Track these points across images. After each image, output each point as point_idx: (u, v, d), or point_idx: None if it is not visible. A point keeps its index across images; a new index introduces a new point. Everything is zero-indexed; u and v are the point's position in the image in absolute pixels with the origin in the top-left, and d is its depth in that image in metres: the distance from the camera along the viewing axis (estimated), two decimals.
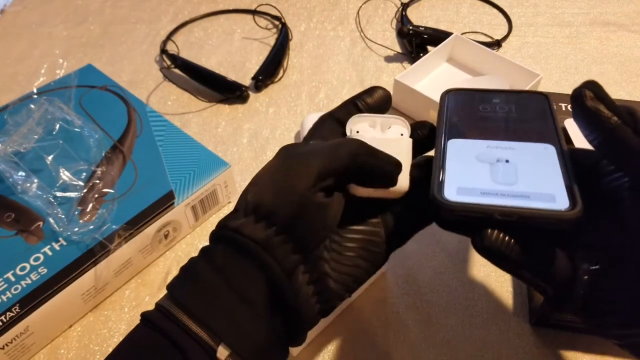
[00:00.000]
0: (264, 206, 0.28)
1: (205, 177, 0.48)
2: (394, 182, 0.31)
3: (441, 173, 0.29)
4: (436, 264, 0.48)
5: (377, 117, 0.34)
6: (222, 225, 0.30)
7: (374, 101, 0.35)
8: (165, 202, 0.46)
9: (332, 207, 0.30)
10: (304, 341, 0.30)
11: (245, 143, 0.59)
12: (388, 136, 0.33)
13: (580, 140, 0.49)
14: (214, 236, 0.30)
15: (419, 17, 0.77)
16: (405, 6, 0.77)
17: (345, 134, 0.33)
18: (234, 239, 0.28)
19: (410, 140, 0.33)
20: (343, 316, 0.44)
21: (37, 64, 0.70)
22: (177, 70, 0.66)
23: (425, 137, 0.34)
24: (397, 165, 0.31)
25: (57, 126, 0.50)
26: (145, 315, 0.29)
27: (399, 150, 0.32)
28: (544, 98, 0.33)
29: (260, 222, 0.28)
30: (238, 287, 0.27)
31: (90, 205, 0.45)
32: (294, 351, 0.41)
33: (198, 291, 0.28)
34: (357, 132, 0.33)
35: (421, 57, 0.64)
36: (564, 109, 0.54)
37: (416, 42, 0.68)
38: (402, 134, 0.33)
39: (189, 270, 0.29)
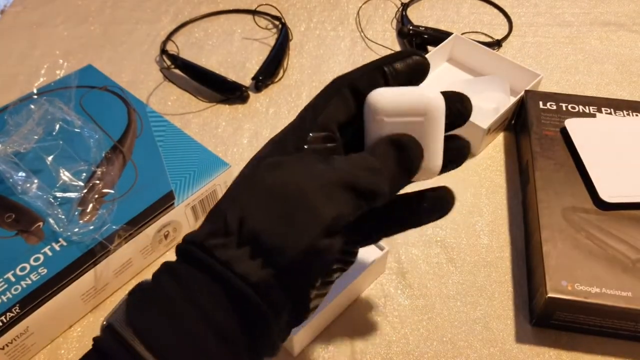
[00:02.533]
0: (265, 241, 0.24)
1: (205, 178, 0.48)
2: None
3: None
4: (436, 264, 0.47)
5: (406, 90, 0.27)
6: (199, 245, 0.25)
7: (407, 68, 0.28)
8: (165, 202, 0.46)
9: (335, 249, 0.25)
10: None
11: (245, 143, 0.59)
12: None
13: (580, 140, 0.49)
14: (188, 257, 0.25)
15: (419, 17, 0.77)
16: (405, 6, 0.77)
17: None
18: (221, 274, 0.24)
19: (443, 110, 0.27)
20: (343, 316, 0.44)
21: (38, 64, 0.70)
22: (177, 71, 0.66)
23: (459, 111, 0.29)
24: (451, 198, 0.30)
25: (57, 126, 0.50)
26: (98, 344, 0.25)
27: (430, 129, 0.27)
28: None
29: (256, 258, 0.24)
30: (215, 324, 0.23)
31: (91, 205, 0.45)
32: (295, 351, 0.41)
33: (166, 323, 0.23)
34: (382, 119, 0.27)
35: None
36: (564, 109, 0.54)
37: (416, 42, 0.68)
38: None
39: (156, 293, 0.25)
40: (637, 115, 0.53)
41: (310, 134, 0.27)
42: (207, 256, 0.24)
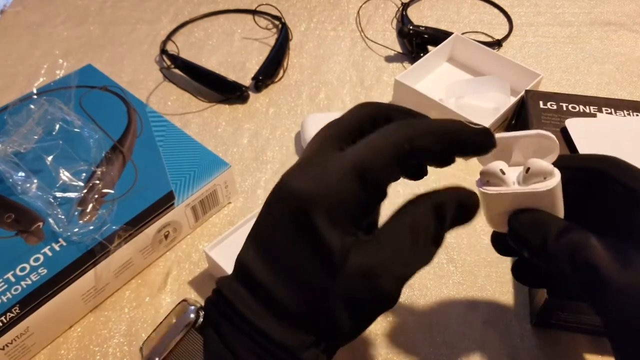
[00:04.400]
0: (303, 315, 0.26)
1: (205, 178, 0.48)
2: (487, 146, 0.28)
3: None
4: (436, 264, 0.47)
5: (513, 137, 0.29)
6: (244, 319, 0.26)
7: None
8: (166, 202, 0.46)
9: None
10: None
11: (245, 143, 0.59)
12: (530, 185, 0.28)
13: (580, 140, 0.49)
14: (229, 326, 0.26)
15: (419, 16, 0.77)
16: (405, 6, 0.77)
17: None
18: (268, 350, 0.26)
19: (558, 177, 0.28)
20: None
21: (37, 64, 0.70)
22: (177, 71, 0.66)
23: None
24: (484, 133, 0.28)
25: (57, 126, 0.50)
26: None
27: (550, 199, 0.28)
28: None
29: (320, 345, 0.26)
30: None
31: (90, 205, 0.45)
32: None
33: None
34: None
35: (421, 57, 0.64)
36: (564, 108, 0.54)
37: (416, 42, 0.68)
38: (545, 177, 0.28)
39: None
40: (637, 115, 0.53)
41: None
42: (244, 325, 0.26)
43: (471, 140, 0.28)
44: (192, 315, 0.27)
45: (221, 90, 0.64)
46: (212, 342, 0.26)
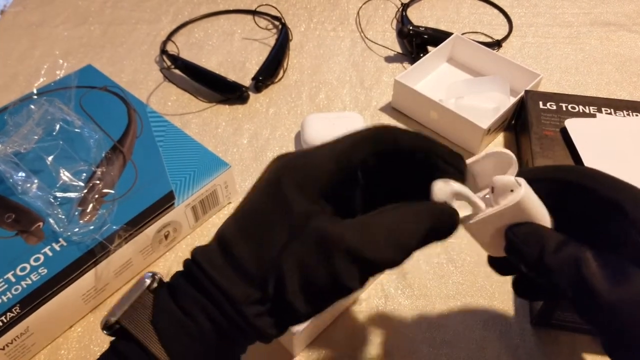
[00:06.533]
0: (292, 310, 0.26)
1: (205, 178, 0.48)
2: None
3: None
4: (436, 264, 0.47)
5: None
6: (238, 307, 0.26)
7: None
8: (166, 202, 0.46)
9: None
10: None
11: (245, 143, 0.59)
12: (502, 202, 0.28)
13: (580, 140, 0.49)
14: (227, 317, 0.26)
15: (419, 17, 0.77)
16: (405, 6, 0.77)
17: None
18: (243, 327, 0.26)
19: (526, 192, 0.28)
20: (343, 316, 0.44)
21: (37, 64, 0.70)
22: (177, 71, 0.66)
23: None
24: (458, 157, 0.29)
25: (57, 127, 0.50)
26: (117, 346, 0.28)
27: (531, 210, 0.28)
28: None
29: (274, 316, 0.27)
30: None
31: (91, 205, 0.45)
32: (295, 351, 0.41)
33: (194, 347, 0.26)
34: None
35: (421, 57, 0.64)
36: (564, 109, 0.54)
37: (416, 42, 0.68)
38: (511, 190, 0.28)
39: (192, 329, 0.26)
40: (637, 115, 0.53)
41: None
42: (249, 327, 0.26)
43: (442, 153, 0.29)
44: (147, 280, 0.28)
45: (221, 90, 0.64)
46: (162, 299, 0.27)
